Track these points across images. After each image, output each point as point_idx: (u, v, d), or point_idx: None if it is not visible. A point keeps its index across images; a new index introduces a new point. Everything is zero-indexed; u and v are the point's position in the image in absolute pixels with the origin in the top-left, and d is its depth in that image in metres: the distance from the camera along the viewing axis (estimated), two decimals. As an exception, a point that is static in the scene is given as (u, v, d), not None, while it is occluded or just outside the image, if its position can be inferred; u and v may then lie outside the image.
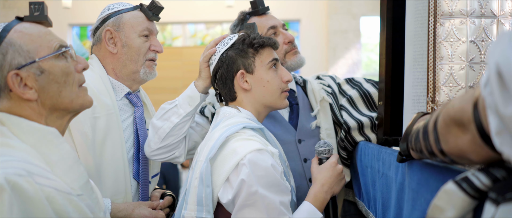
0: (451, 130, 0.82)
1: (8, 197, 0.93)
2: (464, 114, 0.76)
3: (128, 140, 1.85)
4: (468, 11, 1.32)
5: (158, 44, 1.91)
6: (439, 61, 1.34)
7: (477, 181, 0.77)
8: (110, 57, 1.86)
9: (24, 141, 1.11)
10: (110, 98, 1.80)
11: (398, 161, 1.19)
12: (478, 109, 0.72)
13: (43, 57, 1.14)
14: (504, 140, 0.65)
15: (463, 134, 0.78)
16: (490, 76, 0.65)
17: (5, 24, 1.14)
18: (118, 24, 1.86)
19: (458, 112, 0.78)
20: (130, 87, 1.90)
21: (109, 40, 1.86)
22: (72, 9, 7.84)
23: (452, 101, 0.84)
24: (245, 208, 1.41)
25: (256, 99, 1.65)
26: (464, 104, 0.77)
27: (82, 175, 1.18)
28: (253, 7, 2.08)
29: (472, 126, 0.74)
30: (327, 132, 2.02)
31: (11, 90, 1.11)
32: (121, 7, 1.90)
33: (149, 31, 1.88)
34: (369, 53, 8.97)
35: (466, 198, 0.77)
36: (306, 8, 8.24)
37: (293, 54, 2.06)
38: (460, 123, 0.78)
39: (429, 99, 1.35)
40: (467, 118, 0.75)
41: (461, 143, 0.80)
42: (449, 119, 0.82)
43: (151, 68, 1.89)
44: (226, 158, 1.47)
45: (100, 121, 1.75)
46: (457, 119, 0.79)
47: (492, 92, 0.65)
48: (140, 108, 1.92)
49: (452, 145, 0.84)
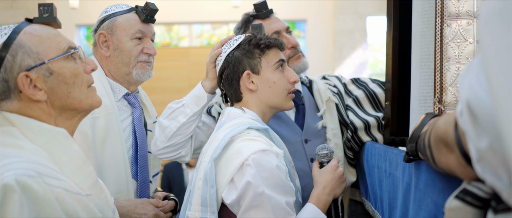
0: (440, 150, 0.84)
1: (19, 197, 0.94)
2: (448, 136, 0.77)
3: (127, 140, 1.86)
4: (475, 12, 1.32)
5: (151, 46, 1.91)
6: (446, 62, 1.34)
7: (479, 191, 0.76)
8: (105, 60, 1.89)
9: (34, 142, 1.12)
10: (109, 98, 1.82)
11: (405, 161, 1.19)
12: (458, 132, 0.73)
13: (52, 58, 1.16)
14: (485, 168, 0.65)
15: (449, 153, 0.80)
16: (463, 108, 0.66)
17: (15, 26, 1.16)
18: (111, 27, 1.87)
19: (443, 133, 0.80)
20: (128, 88, 1.92)
21: (103, 44, 1.88)
22: (79, 9, 7.88)
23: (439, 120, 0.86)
24: (252, 209, 1.42)
25: (262, 100, 1.65)
26: (447, 126, 0.78)
27: (91, 175, 1.19)
28: (257, 10, 2.07)
29: (456, 148, 0.75)
30: (333, 132, 2.02)
31: (21, 91, 1.13)
32: (117, 9, 1.91)
33: (142, 33, 1.89)
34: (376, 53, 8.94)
35: (474, 210, 0.77)
36: (313, 8, 8.23)
37: (296, 59, 2.06)
38: (446, 144, 0.80)
39: (436, 100, 1.35)
40: (451, 140, 0.76)
41: (449, 162, 0.81)
42: (437, 138, 0.84)
43: (144, 69, 1.89)
44: (230, 158, 1.47)
45: (99, 121, 1.77)
46: (443, 139, 0.81)
47: (465, 123, 0.66)
48: (138, 109, 1.94)
49: (443, 163, 0.85)
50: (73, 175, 1.14)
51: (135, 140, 1.88)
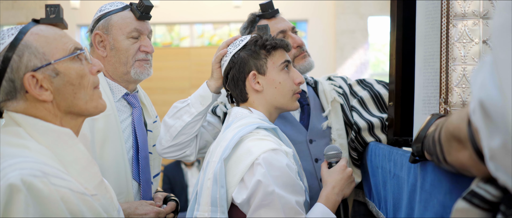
0: (452, 144, 0.84)
1: (24, 197, 0.95)
2: (461, 132, 0.77)
3: (127, 141, 1.84)
4: (480, 12, 1.32)
5: (148, 44, 1.87)
6: (452, 62, 1.34)
7: (487, 194, 0.76)
8: (102, 60, 1.84)
9: (40, 142, 1.13)
10: (108, 99, 1.78)
11: (410, 162, 1.18)
12: (471, 128, 0.73)
13: (58, 59, 1.16)
14: (498, 166, 0.65)
15: (462, 149, 0.79)
16: (475, 106, 0.66)
17: (22, 27, 1.16)
18: (107, 27, 1.84)
19: (456, 129, 0.79)
20: (127, 87, 1.89)
21: (99, 44, 1.85)
22: (80, 9, 7.88)
23: (452, 116, 0.85)
24: (262, 208, 1.41)
25: (267, 100, 1.65)
26: (460, 122, 0.77)
27: (96, 175, 1.19)
28: (263, 10, 2.07)
29: (468, 144, 0.75)
30: (338, 132, 2.02)
31: (27, 91, 1.13)
32: (111, 8, 1.87)
33: (138, 31, 1.85)
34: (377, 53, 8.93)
35: (481, 212, 0.77)
36: (314, 8, 8.23)
37: (302, 58, 2.06)
38: (459, 140, 0.79)
39: (442, 100, 1.35)
40: (464, 136, 0.76)
41: (461, 157, 0.81)
42: (449, 134, 0.83)
43: (142, 67, 1.86)
44: (240, 158, 1.47)
45: (98, 122, 1.75)
46: (456, 135, 0.80)
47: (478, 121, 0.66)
48: (138, 109, 1.91)
49: (454, 158, 0.85)
50: (78, 175, 1.14)
51: (135, 141, 1.86)
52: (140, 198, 1.87)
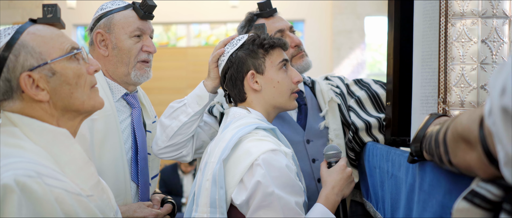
0: (459, 145, 0.83)
1: (18, 198, 0.94)
2: (471, 133, 0.76)
3: (126, 141, 1.82)
4: (479, 11, 1.32)
5: (150, 44, 1.85)
6: (450, 61, 1.33)
7: (488, 193, 0.76)
8: (102, 59, 1.82)
9: (35, 142, 1.12)
10: (107, 99, 1.77)
11: (409, 162, 1.18)
12: (484, 131, 0.72)
13: (55, 59, 1.15)
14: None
15: (470, 150, 0.78)
16: (494, 109, 0.65)
17: (19, 26, 1.16)
18: (109, 26, 1.81)
19: (466, 130, 0.78)
20: (127, 88, 1.87)
21: (101, 43, 1.82)
22: (77, 9, 7.85)
23: (460, 116, 0.84)
24: (261, 209, 1.41)
25: (266, 100, 1.65)
26: (470, 123, 0.76)
27: (92, 176, 1.19)
28: (261, 9, 2.07)
29: (478, 146, 0.74)
30: (335, 132, 2.01)
31: (24, 91, 1.12)
32: (113, 6, 1.84)
33: (141, 31, 1.83)
34: (374, 53, 8.94)
35: (482, 212, 0.76)
36: (311, 8, 8.23)
37: (299, 58, 2.06)
38: (468, 141, 0.78)
39: (441, 100, 1.35)
40: (474, 138, 0.75)
41: (468, 159, 0.80)
42: (457, 135, 0.82)
43: (143, 70, 1.84)
44: (239, 159, 1.46)
45: (98, 123, 1.73)
46: (465, 136, 0.79)
47: (495, 125, 0.65)
48: (138, 109, 1.89)
49: (460, 159, 0.84)
50: (74, 176, 1.14)
51: (134, 142, 1.84)
52: (138, 200, 1.86)
